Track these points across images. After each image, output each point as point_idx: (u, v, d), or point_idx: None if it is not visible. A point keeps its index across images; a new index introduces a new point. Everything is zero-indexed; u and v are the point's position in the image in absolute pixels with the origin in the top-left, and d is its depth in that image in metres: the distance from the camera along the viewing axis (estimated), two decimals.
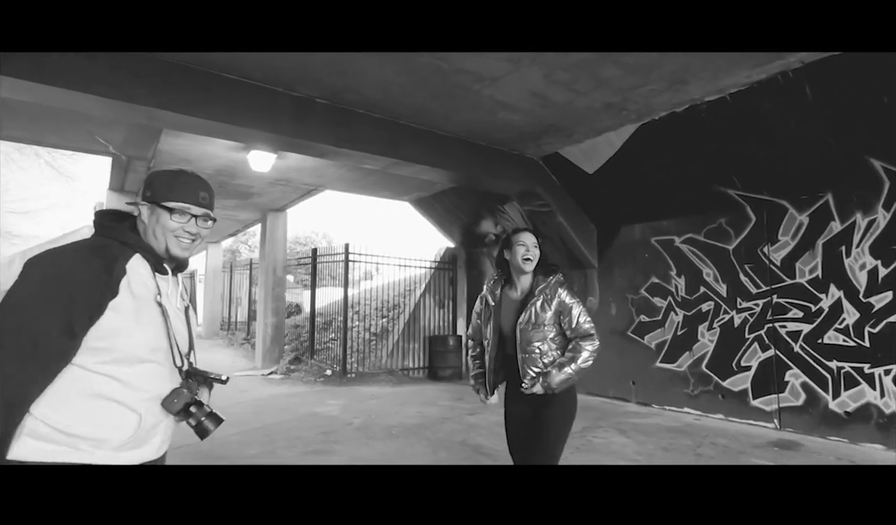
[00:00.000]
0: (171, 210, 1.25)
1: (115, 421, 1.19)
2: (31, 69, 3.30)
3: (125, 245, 1.22)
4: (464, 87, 4.22)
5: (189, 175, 1.32)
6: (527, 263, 2.15)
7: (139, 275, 1.21)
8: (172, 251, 1.27)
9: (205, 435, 1.27)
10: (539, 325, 2.10)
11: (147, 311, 1.20)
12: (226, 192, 8.34)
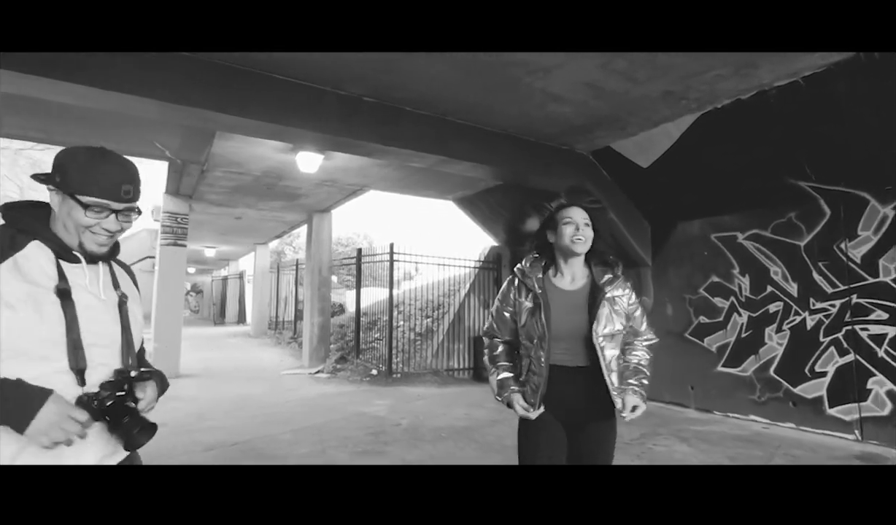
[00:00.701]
0: (86, 205, 1.07)
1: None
2: (98, 76, 3.40)
3: (21, 232, 1.08)
4: (514, 80, 4.08)
5: (109, 162, 1.10)
6: (577, 244, 1.72)
7: (34, 262, 1.05)
8: (87, 247, 1.11)
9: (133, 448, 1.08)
10: (615, 335, 1.72)
11: (44, 301, 1.03)
12: (273, 194, 8.52)
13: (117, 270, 1.26)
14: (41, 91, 3.50)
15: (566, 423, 1.73)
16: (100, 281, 1.15)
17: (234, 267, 21.74)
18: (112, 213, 1.11)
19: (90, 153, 1.10)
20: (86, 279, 1.12)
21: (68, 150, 1.12)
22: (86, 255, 1.12)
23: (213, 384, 7.63)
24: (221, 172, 7.14)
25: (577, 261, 1.78)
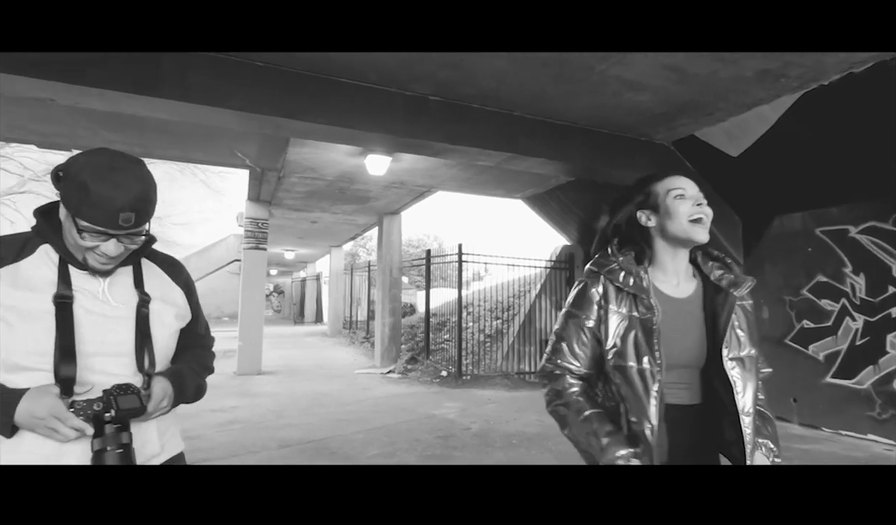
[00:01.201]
0: (79, 229, 0.97)
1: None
2: (177, 90, 3.60)
3: (37, 236, 1.03)
4: (586, 68, 3.84)
5: (108, 185, 0.95)
6: (699, 227, 1.20)
7: (38, 269, 0.99)
8: (90, 265, 1.02)
9: (98, 461, 0.96)
10: (746, 360, 1.20)
11: (34, 310, 0.95)
12: (345, 198, 8.75)
13: (148, 268, 1.15)
14: (133, 108, 3.77)
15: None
16: (105, 287, 1.06)
17: (312, 269, 22.78)
18: (111, 238, 0.99)
19: (93, 169, 0.96)
20: (96, 286, 1.04)
21: (76, 159, 0.99)
22: (90, 271, 1.04)
23: (292, 381, 7.96)
24: (297, 178, 7.43)
25: (684, 256, 1.26)
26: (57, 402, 0.92)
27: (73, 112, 4.60)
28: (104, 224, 0.96)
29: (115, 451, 0.95)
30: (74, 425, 0.93)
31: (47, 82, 3.33)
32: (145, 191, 1.00)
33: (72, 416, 0.92)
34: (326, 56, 3.70)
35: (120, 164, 0.98)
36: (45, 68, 3.25)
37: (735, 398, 1.15)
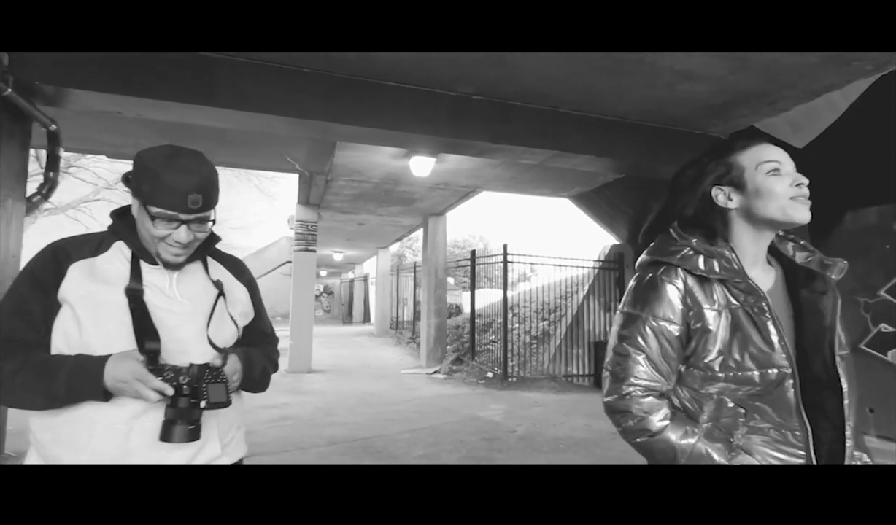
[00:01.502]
0: (153, 216, 1.02)
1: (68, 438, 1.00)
2: (234, 100, 3.76)
3: (113, 235, 1.09)
4: (636, 60, 3.69)
5: (176, 169, 1.02)
6: (799, 209, 0.99)
7: (112, 264, 1.05)
8: (163, 257, 1.07)
9: (165, 438, 0.98)
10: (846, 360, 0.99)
11: (113, 303, 1.01)
12: (391, 200, 8.86)
13: (213, 267, 1.20)
14: (192, 117, 3.97)
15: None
16: (174, 282, 1.10)
17: (360, 270, 23.26)
18: (182, 224, 1.04)
19: (162, 158, 1.03)
20: (165, 281, 1.09)
21: (144, 153, 1.06)
22: (164, 263, 1.09)
23: (340, 380, 8.13)
24: (344, 181, 7.59)
25: (768, 241, 1.05)
26: (138, 365, 0.96)
27: (138, 124, 4.89)
28: (175, 207, 1.01)
29: (187, 426, 0.97)
30: (155, 386, 0.95)
31: (114, 96, 3.55)
32: (209, 174, 1.06)
33: (153, 377, 0.95)
34: (371, 59, 3.75)
35: (183, 152, 1.06)
36: (111, 83, 3.47)
37: (843, 404, 0.94)
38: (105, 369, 0.96)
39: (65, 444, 0.99)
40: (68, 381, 0.95)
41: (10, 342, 0.98)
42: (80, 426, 0.99)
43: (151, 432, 1.00)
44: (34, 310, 1.00)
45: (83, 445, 0.99)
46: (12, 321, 0.99)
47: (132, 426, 1.00)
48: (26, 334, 0.99)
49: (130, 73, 3.50)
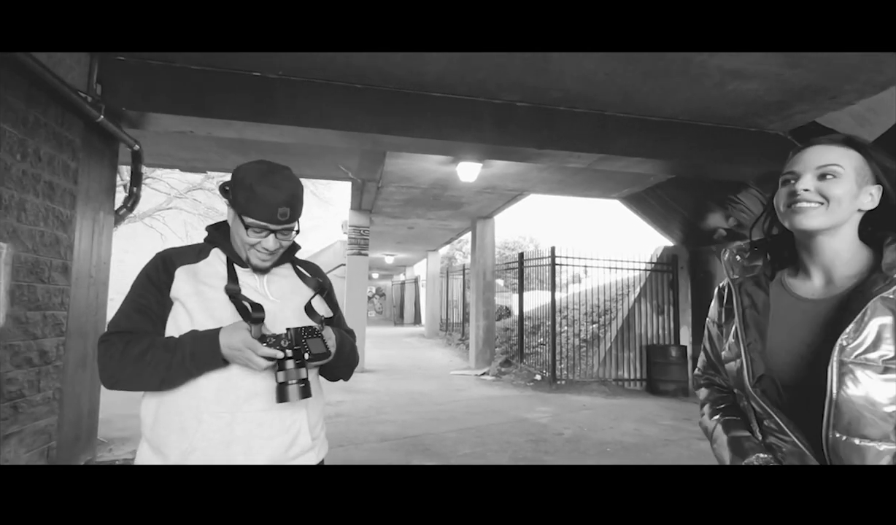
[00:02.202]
0: (247, 226, 1.16)
1: (171, 424, 1.13)
2: (292, 116, 4.04)
3: (209, 243, 1.26)
4: (682, 60, 3.65)
5: (270, 185, 1.15)
6: (793, 217, 0.98)
7: (211, 267, 1.21)
8: (252, 262, 1.22)
9: (281, 398, 1.09)
10: (873, 366, 0.87)
11: (215, 299, 1.16)
12: (439, 204, 9.05)
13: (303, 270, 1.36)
14: (254, 134, 4.29)
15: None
16: (264, 283, 1.24)
17: (411, 272, 23.69)
18: (271, 233, 1.18)
19: (256, 174, 1.16)
20: (256, 282, 1.23)
21: (241, 168, 1.20)
22: (252, 268, 1.23)
23: (391, 380, 8.40)
24: (394, 187, 7.85)
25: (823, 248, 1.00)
26: (246, 334, 1.08)
27: (207, 140, 5.33)
28: (266, 219, 1.15)
29: (297, 385, 1.09)
30: (265, 353, 1.07)
31: (187, 118, 3.92)
32: (296, 190, 1.20)
33: (261, 345, 1.07)
34: (418, 72, 3.91)
35: (276, 169, 1.19)
36: (185, 107, 3.84)
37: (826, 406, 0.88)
38: (220, 338, 1.09)
39: (176, 431, 1.12)
40: (192, 350, 1.09)
41: (134, 333, 1.15)
42: (188, 415, 1.12)
43: (253, 421, 1.13)
44: (152, 306, 1.17)
45: (192, 432, 1.11)
46: (134, 316, 1.16)
47: (235, 416, 1.12)
48: (146, 326, 1.16)
49: (201, 97, 3.85)
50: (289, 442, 1.17)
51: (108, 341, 1.14)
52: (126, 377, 1.12)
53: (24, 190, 2.96)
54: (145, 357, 1.10)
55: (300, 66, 3.84)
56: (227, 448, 1.11)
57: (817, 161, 0.97)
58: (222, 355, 1.09)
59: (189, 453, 1.10)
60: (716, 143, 4.92)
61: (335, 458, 4.14)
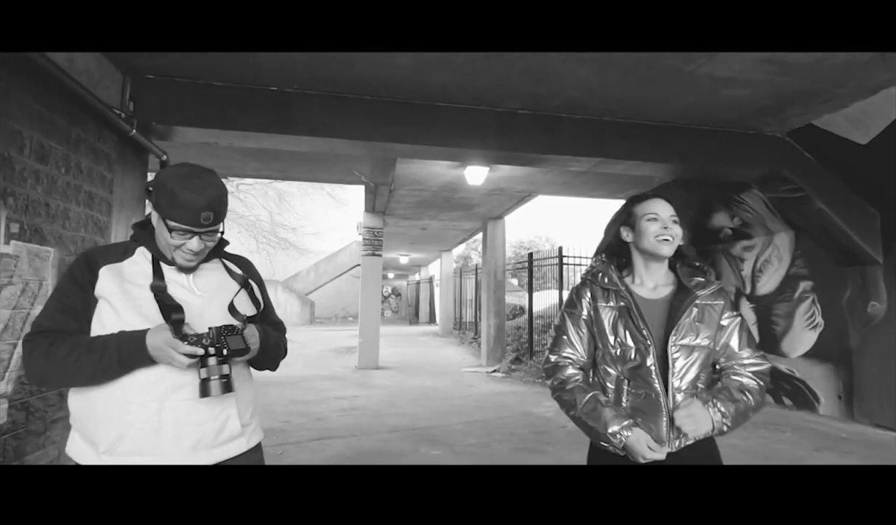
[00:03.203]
0: (169, 229, 1.18)
1: (100, 415, 1.15)
2: (306, 127, 4.33)
3: (134, 242, 1.27)
4: (673, 71, 3.83)
5: (191, 189, 1.16)
6: (663, 245, 1.43)
7: (137, 266, 1.23)
8: (177, 262, 1.23)
9: (203, 393, 1.14)
10: (695, 348, 1.40)
11: (140, 297, 1.19)
12: (450, 206, 9.30)
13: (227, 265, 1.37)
14: (272, 143, 4.60)
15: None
16: (191, 279, 1.27)
17: (425, 272, 23.99)
18: (195, 236, 1.20)
19: (177, 178, 1.18)
20: (183, 279, 1.26)
21: (161, 173, 1.23)
22: (178, 267, 1.25)
23: (404, 376, 8.67)
24: (406, 190, 8.12)
25: (658, 266, 1.49)
26: (168, 334, 1.12)
27: (229, 149, 5.66)
28: (189, 222, 1.17)
29: (220, 380, 1.14)
30: (185, 351, 1.11)
31: (210, 130, 4.24)
32: (220, 194, 1.21)
33: (182, 344, 1.11)
34: (423, 84, 4.16)
35: (198, 173, 1.20)
36: (208, 120, 4.16)
37: (669, 375, 1.37)
38: (146, 338, 1.12)
39: (104, 422, 1.15)
40: (119, 351, 1.12)
41: (58, 332, 1.17)
42: (117, 405, 1.15)
43: (181, 409, 1.16)
44: (76, 305, 1.19)
45: (119, 422, 1.14)
46: (58, 316, 1.19)
47: (163, 404, 1.15)
48: (70, 325, 1.18)
49: (223, 111, 4.16)
50: (217, 428, 1.21)
51: (32, 341, 1.17)
52: (53, 376, 1.21)
53: (68, 200, 3.30)
54: (71, 357, 1.13)
55: (314, 81, 4.12)
56: (155, 434, 1.14)
57: (668, 210, 1.50)
58: (148, 355, 1.13)
59: (118, 442, 1.14)
60: (714, 146, 5.07)
61: (348, 447, 4.42)
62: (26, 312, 2.92)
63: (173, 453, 1.15)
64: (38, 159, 2.99)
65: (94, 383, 1.15)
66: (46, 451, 3.12)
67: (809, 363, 6.08)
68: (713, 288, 1.46)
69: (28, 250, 2.91)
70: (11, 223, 2.77)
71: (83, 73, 3.33)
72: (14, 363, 2.81)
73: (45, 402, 3.10)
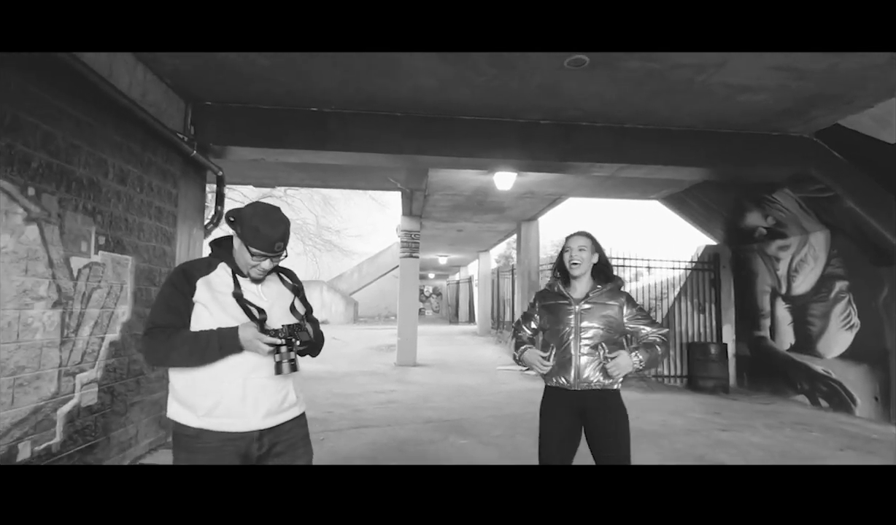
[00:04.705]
0: (252, 254, 1.57)
1: (201, 389, 1.54)
2: (343, 143, 4.76)
3: (215, 258, 1.66)
4: (685, 81, 3.99)
5: (269, 225, 1.56)
6: (573, 268, 2.22)
7: (220, 278, 1.62)
8: (252, 276, 1.63)
9: (278, 372, 1.54)
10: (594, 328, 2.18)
11: (226, 301, 1.59)
12: (483, 209, 9.59)
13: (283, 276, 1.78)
14: (313, 158, 5.07)
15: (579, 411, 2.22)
16: (260, 288, 1.66)
17: (465, 272, 24.31)
18: (267, 258, 1.60)
19: (258, 216, 1.58)
20: (254, 288, 1.66)
21: (246, 210, 1.62)
22: (251, 280, 1.65)
23: (441, 373, 9.03)
24: (440, 195, 8.49)
25: (582, 278, 2.26)
26: (256, 330, 1.53)
27: (275, 163, 6.20)
28: (266, 250, 1.57)
29: (289, 363, 1.55)
30: (268, 341, 1.52)
31: (258, 149, 4.75)
32: (287, 229, 1.64)
33: (266, 336, 1.52)
34: (448, 101, 4.49)
35: (271, 212, 1.62)
36: (256, 140, 4.66)
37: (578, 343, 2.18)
38: (238, 332, 1.53)
39: (202, 393, 1.54)
40: (219, 340, 1.52)
41: (170, 328, 1.56)
42: (213, 381, 1.54)
43: (258, 385, 1.56)
44: (180, 307, 1.57)
45: (215, 393, 1.54)
46: (168, 315, 1.57)
47: (245, 381, 1.56)
48: (177, 322, 1.56)
49: (269, 131, 4.66)
50: (281, 398, 1.63)
51: (151, 334, 1.57)
52: (170, 359, 1.56)
53: (142, 215, 3.85)
54: (185, 345, 1.53)
55: (348, 101, 4.54)
56: (242, 402, 1.55)
57: (579, 244, 2.26)
58: (240, 344, 1.53)
59: (214, 407, 1.54)
60: (738, 149, 5.14)
61: (383, 434, 4.82)
62: (111, 311, 3.48)
63: (252, 416, 1.56)
64: (119, 181, 3.54)
65: (198, 365, 1.54)
66: (126, 429, 3.68)
67: (845, 364, 6.00)
68: (609, 287, 2.26)
69: (112, 259, 3.46)
70: (99, 236, 3.32)
71: (153, 105, 3.88)
72: (103, 354, 3.36)
73: (126, 387, 3.66)
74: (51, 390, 2.87)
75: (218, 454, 1.52)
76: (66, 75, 2.86)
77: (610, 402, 2.19)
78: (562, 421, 2.22)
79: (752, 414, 5.95)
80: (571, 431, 2.21)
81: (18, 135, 2.63)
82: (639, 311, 2.26)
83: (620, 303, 2.24)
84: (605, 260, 2.29)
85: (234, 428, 1.53)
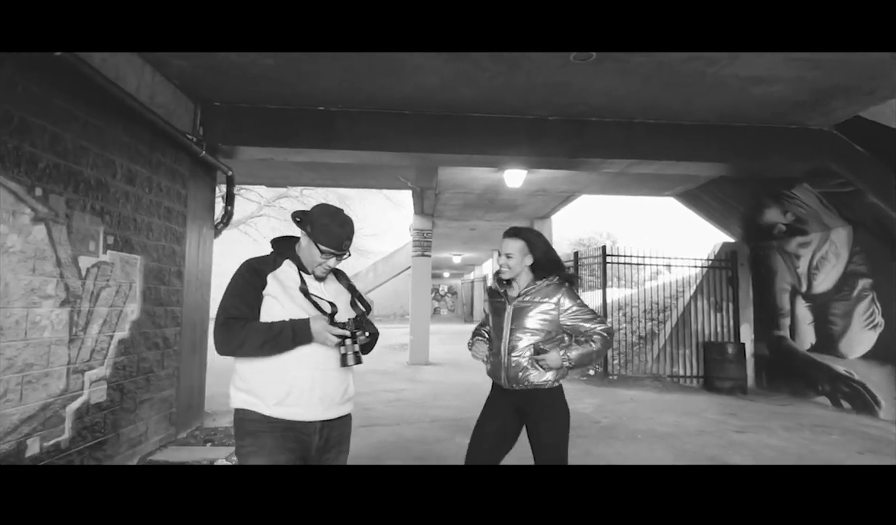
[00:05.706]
0: (321, 251, 1.66)
1: (270, 378, 1.61)
2: (350, 142, 4.76)
3: (280, 256, 1.73)
4: (696, 73, 3.89)
5: (338, 224, 1.66)
6: (503, 272, 2.23)
7: (287, 273, 1.69)
8: (316, 273, 1.71)
9: (343, 364, 1.62)
10: (527, 328, 2.17)
11: (294, 295, 1.66)
12: (495, 207, 9.52)
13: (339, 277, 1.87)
14: (321, 157, 5.09)
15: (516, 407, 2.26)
16: (322, 285, 1.75)
17: (479, 271, 24.25)
18: (334, 257, 1.70)
19: (328, 215, 1.68)
20: (317, 284, 1.74)
21: (316, 210, 1.71)
22: (315, 277, 1.73)
23: (452, 372, 9.01)
24: (450, 194, 8.46)
25: (520, 279, 2.25)
26: (325, 323, 1.61)
27: (285, 163, 6.24)
28: (335, 247, 1.67)
29: (353, 355, 1.62)
30: (336, 333, 1.60)
31: (267, 148, 4.78)
32: (353, 228, 1.73)
33: (336, 328, 1.61)
34: (456, 98, 4.46)
35: (339, 212, 1.72)
36: (265, 140, 4.70)
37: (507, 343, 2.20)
38: (310, 324, 1.61)
39: (273, 383, 1.61)
40: (293, 331, 1.59)
41: (241, 319, 1.62)
42: (283, 372, 1.61)
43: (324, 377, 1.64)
44: (252, 300, 1.64)
45: (285, 383, 1.61)
46: (242, 307, 1.63)
47: (313, 372, 1.63)
48: (250, 314, 1.63)
49: (277, 130, 4.68)
50: (343, 391, 1.71)
51: (227, 324, 1.62)
52: (245, 347, 1.61)
53: (151, 215, 3.91)
54: (259, 334, 1.59)
55: (355, 100, 4.54)
56: (310, 393, 1.63)
57: (504, 250, 2.23)
58: (311, 336, 1.62)
59: (286, 397, 1.61)
60: (753, 142, 5.00)
61: (391, 433, 4.81)
62: (120, 310, 3.53)
63: (318, 407, 1.63)
64: (127, 182, 3.60)
65: (270, 353, 1.61)
66: (136, 426, 3.74)
67: (869, 365, 5.80)
68: (546, 283, 2.21)
69: (120, 258, 3.52)
70: (107, 236, 3.37)
71: (162, 107, 3.93)
72: (112, 351, 3.42)
73: (136, 384, 3.72)
74: (59, 387, 2.93)
75: (282, 441, 1.58)
76: (74, 78, 2.91)
77: (546, 400, 2.17)
78: (495, 418, 2.23)
79: (769, 415, 5.80)
80: (504, 429, 2.22)
81: (26, 136, 2.68)
82: (579, 307, 2.18)
83: (557, 299, 2.18)
84: (547, 255, 2.21)
85: (301, 417, 1.60)
